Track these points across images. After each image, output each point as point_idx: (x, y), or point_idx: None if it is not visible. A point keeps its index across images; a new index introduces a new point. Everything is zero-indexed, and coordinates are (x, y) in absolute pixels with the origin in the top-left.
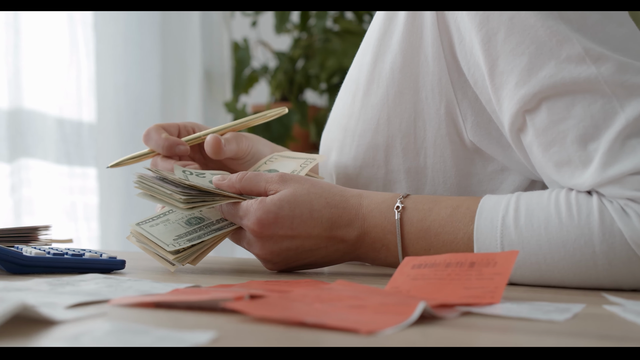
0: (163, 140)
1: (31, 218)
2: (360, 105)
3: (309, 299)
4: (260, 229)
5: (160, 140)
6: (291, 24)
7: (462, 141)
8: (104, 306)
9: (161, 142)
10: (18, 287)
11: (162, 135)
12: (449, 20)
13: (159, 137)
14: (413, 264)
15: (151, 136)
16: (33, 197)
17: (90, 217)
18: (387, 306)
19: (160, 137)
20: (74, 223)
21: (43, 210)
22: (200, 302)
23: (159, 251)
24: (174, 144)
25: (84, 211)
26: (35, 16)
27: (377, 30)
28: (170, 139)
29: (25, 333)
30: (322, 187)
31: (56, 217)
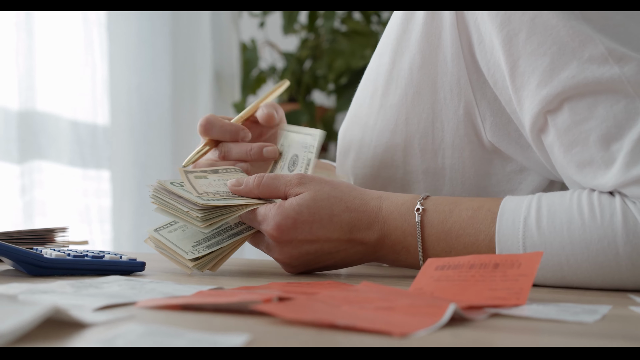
0: (229, 125)
1: (43, 220)
2: (379, 105)
3: (337, 301)
4: (279, 234)
5: (226, 125)
6: (299, 25)
7: (481, 141)
8: (131, 308)
9: (228, 128)
10: (43, 290)
11: (226, 121)
12: (468, 21)
13: (224, 123)
14: (436, 266)
15: (214, 123)
16: (45, 199)
17: (104, 220)
18: (417, 308)
19: (225, 123)
20: (87, 225)
21: (55, 213)
22: (229, 304)
23: (178, 258)
24: (239, 128)
25: (98, 213)
26: (48, 17)
27: (395, 30)
28: (234, 124)
29: (57, 336)
30: (342, 191)
31: (69, 219)
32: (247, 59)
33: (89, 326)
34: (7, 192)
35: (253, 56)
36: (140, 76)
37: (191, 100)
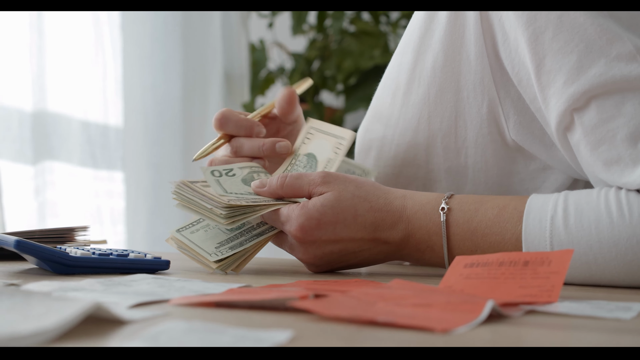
0: (244, 120)
1: (56, 221)
2: (401, 104)
3: (372, 298)
4: (303, 235)
5: (241, 121)
6: (307, 25)
7: (504, 140)
8: (164, 306)
9: (243, 123)
10: (73, 287)
11: (241, 116)
12: (492, 19)
13: (239, 118)
14: (465, 263)
15: (229, 118)
16: (57, 200)
17: (117, 221)
18: (454, 305)
19: (240, 118)
20: (99, 226)
21: (67, 213)
22: (264, 301)
23: (201, 259)
24: (255, 124)
25: (111, 214)
26: (58, 17)
27: (418, 29)
28: (249, 119)
29: (98, 332)
30: (367, 190)
31: (81, 219)
32: (256, 59)
33: (127, 323)
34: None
35: (262, 57)
36: (154, 77)
37: (201, 100)
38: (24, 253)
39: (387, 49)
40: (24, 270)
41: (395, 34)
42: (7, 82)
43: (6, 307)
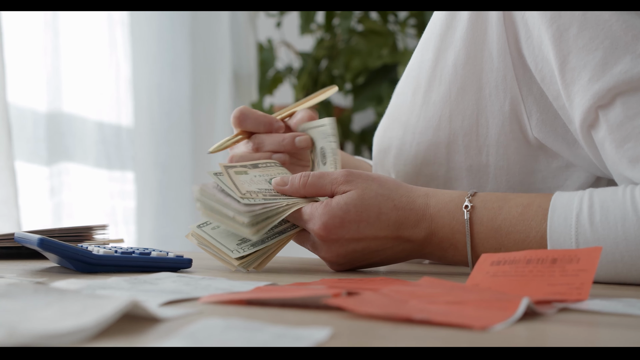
0: (263, 117)
1: (71, 221)
2: (421, 102)
3: (404, 296)
4: (326, 234)
5: (260, 117)
6: (315, 25)
7: (526, 138)
8: (194, 304)
9: (262, 119)
10: (101, 286)
11: (260, 113)
12: (515, 16)
13: (258, 115)
14: (492, 261)
15: (248, 115)
16: (72, 200)
17: (128, 221)
18: (488, 302)
19: (258, 115)
20: (114, 226)
21: (83, 214)
22: (298, 299)
23: (223, 256)
24: (273, 120)
25: (123, 214)
26: (74, 17)
27: (439, 27)
28: (268, 115)
29: (135, 330)
30: (390, 188)
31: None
32: (264, 59)
33: (161, 321)
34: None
35: (269, 56)
36: (161, 77)
37: (210, 100)
38: (47, 251)
39: (395, 48)
40: (46, 269)
41: (403, 33)
42: (22, 82)
43: (43, 304)
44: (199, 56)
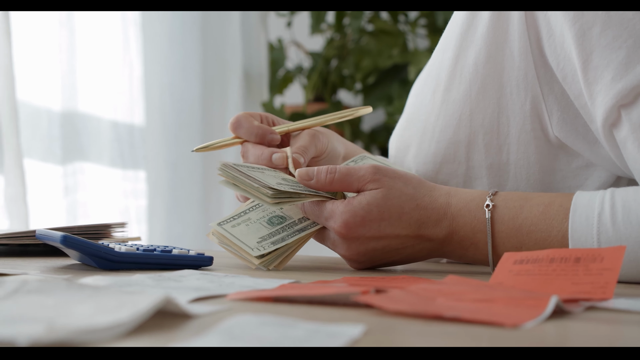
0: (256, 127)
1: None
2: (441, 101)
3: (431, 293)
4: (346, 232)
5: (252, 127)
6: (325, 25)
7: (547, 137)
8: (222, 301)
9: (254, 130)
10: (127, 283)
11: (255, 123)
12: (537, 15)
13: (252, 125)
14: (514, 260)
15: (242, 124)
16: (87, 200)
17: (141, 220)
18: (517, 300)
19: (252, 125)
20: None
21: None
22: (326, 296)
23: (244, 254)
24: (267, 131)
25: (136, 213)
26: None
27: (459, 26)
28: (263, 126)
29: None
30: (414, 187)
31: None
32: (274, 58)
33: (193, 317)
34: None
35: (280, 56)
36: (173, 76)
37: (221, 100)
38: (69, 249)
39: (405, 48)
40: (68, 266)
41: (414, 34)
42: (37, 81)
43: (77, 300)
44: (209, 56)
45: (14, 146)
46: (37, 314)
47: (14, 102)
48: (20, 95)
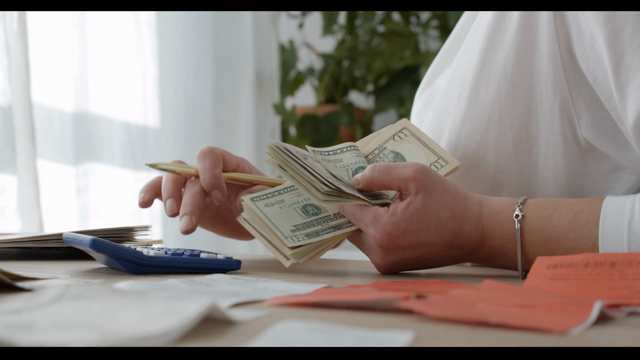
0: (211, 176)
1: (97, 222)
2: (467, 104)
3: (471, 299)
4: (387, 243)
5: (209, 173)
6: (337, 26)
7: (576, 140)
8: (260, 306)
9: (207, 176)
10: (160, 287)
11: (216, 172)
12: (567, 16)
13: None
14: (548, 264)
15: (206, 162)
16: (98, 201)
17: (154, 221)
18: (560, 306)
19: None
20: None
21: (109, 214)
22: (367, 302)
23: (275, 241)
24: (216, 187)
25: (149, 215)
26: (101, 17)
27: (486, 28)
28: (216, 181)
29: (213, 333)
30: (451, 196)
31: (123, 221)
32: (285, 60)
33: (236, 323)
34: (63, 194)
35: (291, 57)
36: (186, 77)
37: (232, 101)
38: (97, 252)
39: (417, 49)
40: (95, 269)
41: (426, 35)
42: (49, 82)
43: (123, 306)
44: (221, 57)
45: (27, 147)
46: (84, 320)
47: (29, 104)
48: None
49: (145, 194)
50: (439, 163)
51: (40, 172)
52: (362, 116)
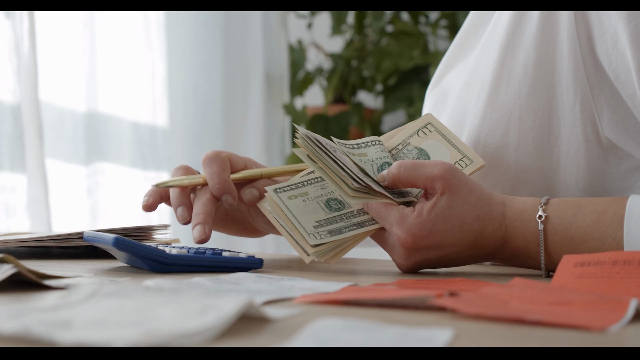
0: (219, 181)
1: (107, 222)
2: (486, 103)
3: (504, 296)
4: (412, 243)
5: (217, 178)
6: (346, 26)
7: (597, 138)
8: (290, 304)
9: (216, 181)
10: (188, 285)
11: (224, 176)
12: (589, 14)
13: (220, 176)
14: (575, 262)
15: (213, 168)
16: (108, 200)
17: (164, 221)
18: (595, 303)
19: (221, 177)
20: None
21: (118, 214)
22: (399, 299)
23: (296, 236)
24: (226, 191)
25: (159, 215)
26: (110, 17)
27: (505, 27)
28: (226, 185)
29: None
30: (476, 196)
31: (132, 221)
32: (294, 60)
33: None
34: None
35: (300, 57)
36: (196, 77)
37: (242, 101)
38: (120, 251)
39: (426, 49)
40: (118, 268)
41: (434, 35)
42: (60, 82)
43: (159, 304)
44: (231, 57)
45: (36, 147)
46: (121, 317)
47: (37, 104)
48: (43, 96)
49: (149, 197)
50: (464, 162)
51: (50, 172)
52: (371, 116)
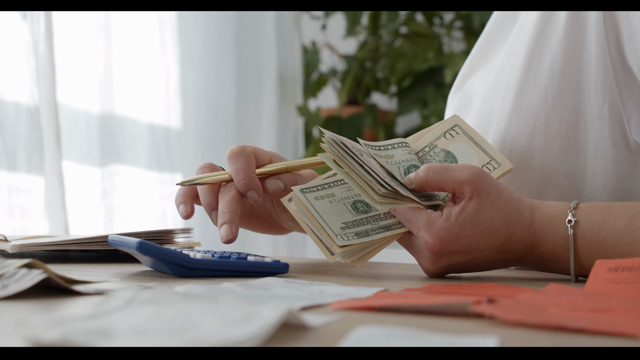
0: (245, 177)
1: (122, 225)
2: (512, 107)
3: (542, 303)
4: (439, 248)
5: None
6: (360, 27)
7: (626, 142)
8: (326, 310)
9: (241, 177)
10: (218, 290)
11: (249, 172)
12: (618, 16)
13: (245, 171)
14: (608, 267)
15: (239, 164)
16: (123, 202)
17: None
18: (636, 310)
19: (246, 173)
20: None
21: (134, 216)
22: (439, 306)
23: (323, 236)
24: (251, 187)
25: (173, 217)
26: (125, 18)
27: (531, 30)
28: (251, 182)
29: (290, 337)
30: (505, 201)
31: (148, 223)
32: (308, 61)
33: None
34: (89, 196)
35: (313, 59)
36: (208, 79)
37: (255, 103)
38: (144, 255)
39: (441, 51)
40: (142, 272)
41: (449, 37)
42: (75, 84)
43: (199, 312)
44: (244, 59)
45: (53, 149)
46: (161, 325)
47: (55, 106)
48: (59, 98)
49: (186, 206)
50: (492, 165)
51: (66, 174)
52: (384, 118)
